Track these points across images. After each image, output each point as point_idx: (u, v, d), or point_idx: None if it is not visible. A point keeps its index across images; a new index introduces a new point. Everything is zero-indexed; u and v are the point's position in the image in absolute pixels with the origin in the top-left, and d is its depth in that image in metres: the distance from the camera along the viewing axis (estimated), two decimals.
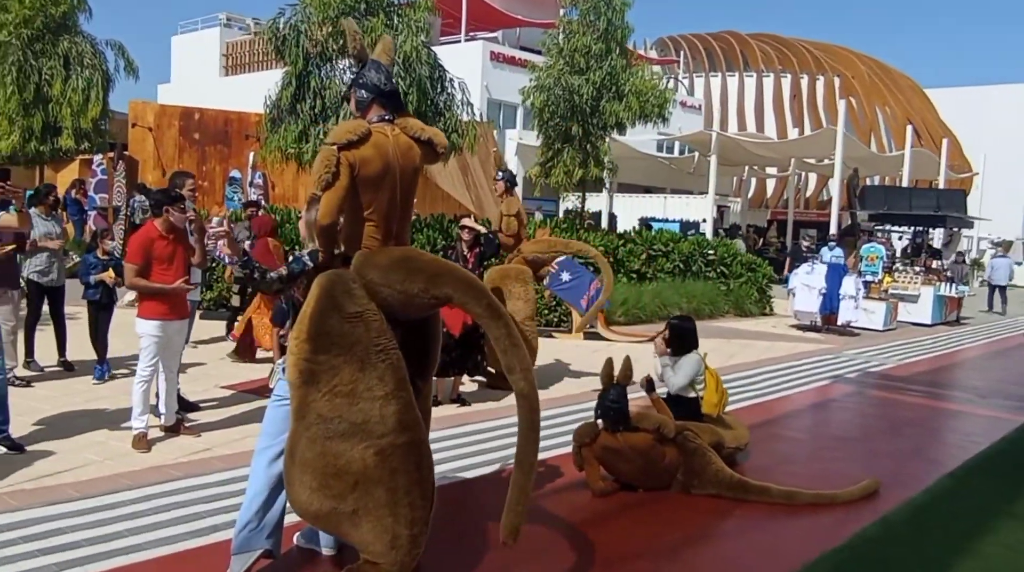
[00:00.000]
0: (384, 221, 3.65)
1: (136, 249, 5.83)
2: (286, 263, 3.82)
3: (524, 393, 3.38)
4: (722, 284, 16.03)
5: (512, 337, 3.41)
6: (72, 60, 14.81)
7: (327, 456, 3.39)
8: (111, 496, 4.86)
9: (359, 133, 3.56)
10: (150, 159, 19.87)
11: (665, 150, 38.15)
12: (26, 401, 6.79)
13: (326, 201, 3.51)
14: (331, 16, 13.27)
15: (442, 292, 3.50)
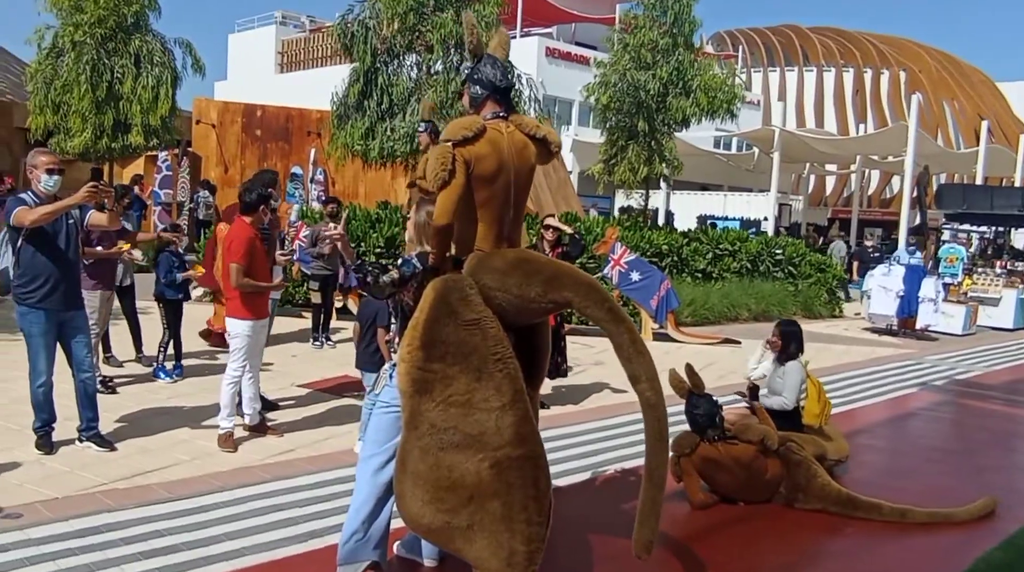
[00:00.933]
0: (497, 222, 3.53)
1: (241, 249, 5.77)
2: (396, 266, 3.73)
3: (652, 404, 3.23)
4: (790, 285, 15.68)
5: (637, 344, 3.26)
6: (143, 58, 15.01)
7: (440, 468, 3.28)
8: (203, 498, 4.84)
9: (474, 129, 3.44)
10: (213, 155, 20.14)
11: (722, 146, 37.60)
12: (107, 398, 6.85)
13: (442, 200, 3.40)
14: (400, 12, 13.26)
15: (561, 296, 3.36)
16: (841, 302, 16.38)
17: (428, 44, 13.88)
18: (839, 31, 48.78)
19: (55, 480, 4.98)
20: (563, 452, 6.08)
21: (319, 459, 5.67)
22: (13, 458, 5.30)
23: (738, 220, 28.20)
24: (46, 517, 4.41)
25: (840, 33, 48.48)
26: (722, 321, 13.57)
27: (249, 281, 5.76)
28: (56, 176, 5.33)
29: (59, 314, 5.35)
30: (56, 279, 5.28)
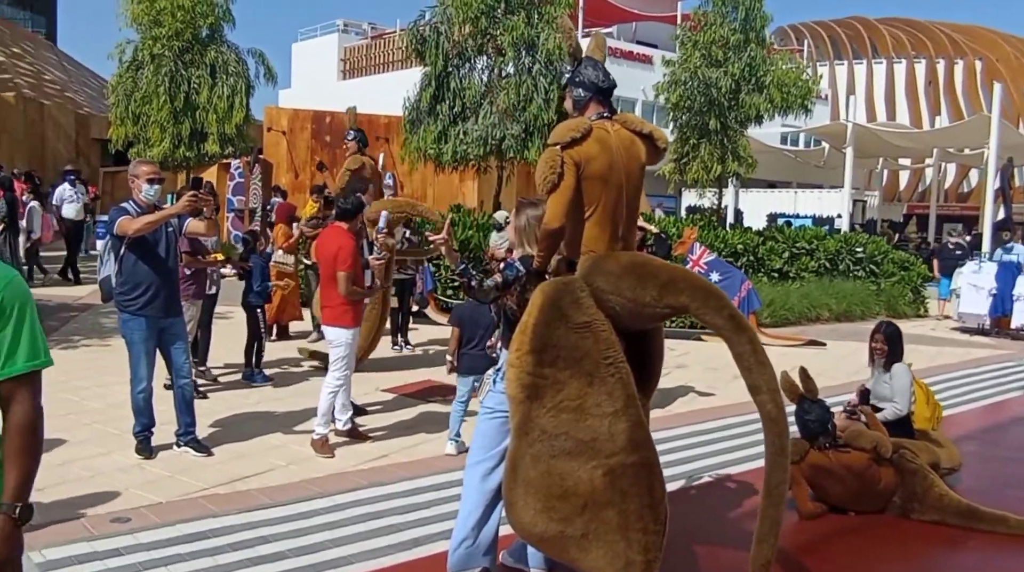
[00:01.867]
0: (609, 222, 3.45)
1: (350, 257, 5.81)
2: (500, 270, 3.66)
3: (773, 417, 3.09)
4: (872, 283, 15.22)
5: (758, 353, 3.12)
6: (218, 69, 15.36)
7: (552, 476, 3.20)
8: (303, 504, 4.84)
9: (581, 130, 3.37)
10: (283, 162, 20.44)
11: (790, 143, 36.83)
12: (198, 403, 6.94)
13: (553, 204, 3.33)
14: (471, 16, 13.28)
15: (677, 301, 3.24)
16: (926, 301, 15.86)
17: (499, 47, 13.88)
18: (909, 21, 47.43)
19: (157, 484, 5.05)
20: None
21: (413, 464, 5.65)
22: (114, 462, 5.40)
23: (810, 217, 27.54)
24: (153, 522, 4.46)
25: (910, 23, 47.14)
26: (802, 321, 13.23)
27: (356, 289, 5.83)
28: (156, 186, 5.44)
29: (159, 321, 5.43)
30: (156, 286, 5.36)
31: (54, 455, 5.32)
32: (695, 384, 8.55)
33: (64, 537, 4.18)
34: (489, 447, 3.76)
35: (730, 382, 8.31)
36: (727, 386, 8.29)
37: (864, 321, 13.96)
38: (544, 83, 13.07)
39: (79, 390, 7.09)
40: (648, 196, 23.08)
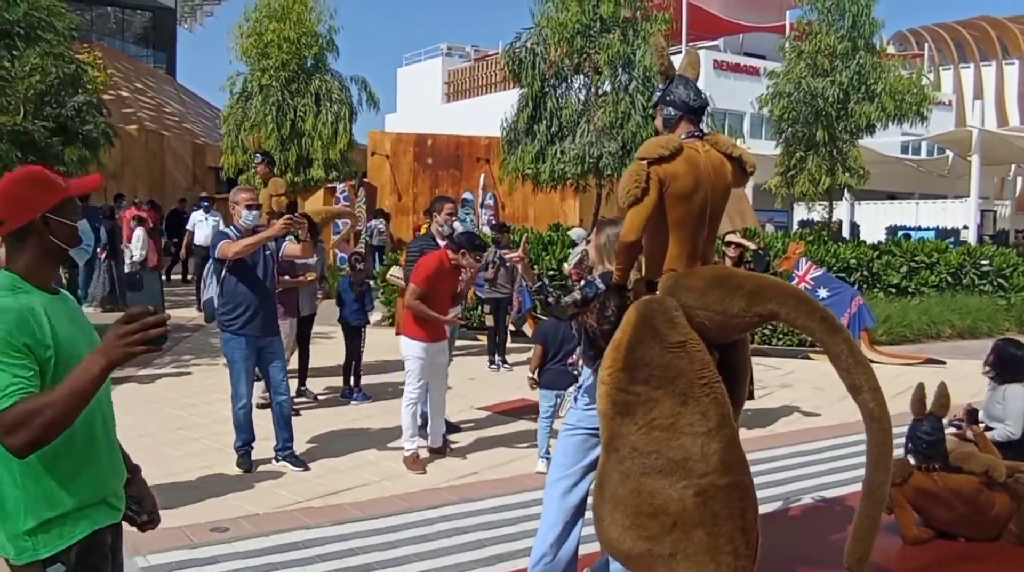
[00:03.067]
0: (691, 241, 3.45)
1: (423, 274, 5.96)
2: (579, 287, 3.71)
3: (875, 415, 3.03)
4: (1001, 298, 14.43)
5: (855, 353, 3.08)
6: (322, 96, 16.00)
7: (642, 493, 3.20)
8: (393, 518, 4.98)
9: (670, 148, 3.39)
10: (387, 185, 21.04)
11: (911, 152, 35.42)
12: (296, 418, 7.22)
13: (632, 217, 3.36)
14: (567, 36, 13.43)
15: (766, 309, 3.22)
16: None
17: (596, 65, 13.97)
18: None
19: (256, 497, 5.29)
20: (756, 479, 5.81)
21: (503, 482, 5.72)
22: (217, 475, 5.67)
23: (933, 229, 26.35)
24: (250, 531, 4.68)
25: None
26: (922, 339, 12.66)
27: (422, 306, 5.90)
28: (255, 211, 5.81)
29: (258, 340, 5.73)
30: (256, 307, 5.67)
31: (161, 467, 5.65)
32: (800, 404, 8.32)
33: (166, 544, 4.43)
34: (570, 464, 3.80)
35: (836, 402, 8.05)
36: (832, 406, 8.04)
37: (991, 338, 13.24)
38: (642, 100, 13.07)
39: (188, 407, 7.49)
40: (757, 211, 22.61)
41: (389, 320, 12.56)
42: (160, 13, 38.26)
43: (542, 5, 14.16)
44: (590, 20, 13.70)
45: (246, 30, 15.90)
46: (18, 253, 2.20)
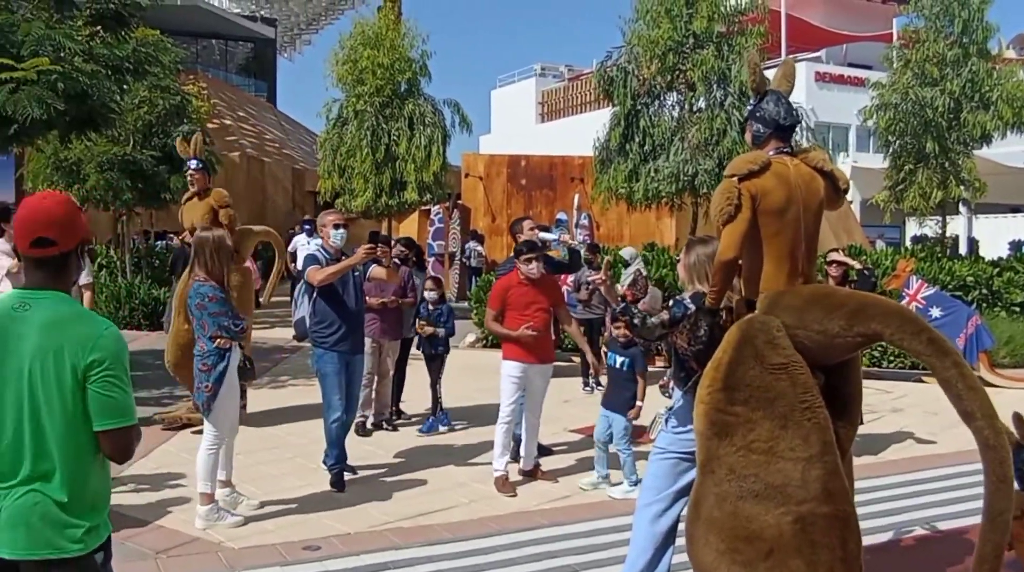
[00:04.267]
0: (788, 258, 3.38)
1: (494, 295, 6.15)
2: (667, 307, 3.68)
3: (990, 443, 2.88)
4: None
5: (967, 377, 2.94)
6: (415, 120, 16.38)
7: (738, 517, 3.14)
8: (483, 540, 4.99)
9: (759, 163, 3.35)
10: (481, 206, 21.31)
11: None
12: (388, 437, 7.46)
13: (727, 235, 3.33)
14: (658, 53, 13.39)
15: (869, 328, 3.11)
16: None
17: (689, 82, 13.86)
18: None
19: (348, 516, 5.37)
20: (862, 508, 5.58)
21: (596, 506, 5.67)
22: (311, 494, 5.80)
23: None
24: (341, 551, 4.76)
25: None
26: None
27: (496, 326, 6.04)
28: (342, 230, 6.05)
29: (347, 357, 5.96)
30: (345, 325, 5.91)
31: (258, 485, 5.83)
32: (912, 429, 7.97)
33: (260, 561, 4.57)
34: (660, 488, 3.75)
35: (951, 428, 7.66)
36: (947, 432, 7.66)
37: None
38: (737, 116, 12.90)
39: (284, 426, 7.70)
40: (866, 227, 21.92)
41: (483, 341, 12.67)
42: (261, 44, 39.95)
43: (633, 23, 14.17)
44: (682, 36, 13.63)
45: (341, 57, 16.44)
46: (67, 275, 2.45)
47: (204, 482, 5.11)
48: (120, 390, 2.36)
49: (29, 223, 2.38)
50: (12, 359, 2.31)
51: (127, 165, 13.62)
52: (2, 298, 2.46)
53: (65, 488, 2.32)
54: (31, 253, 2.39)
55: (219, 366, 5.08)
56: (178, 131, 14.30)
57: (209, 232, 5.36)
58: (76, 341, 2.31)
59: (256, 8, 39.94)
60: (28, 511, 2.29)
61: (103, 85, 8.42)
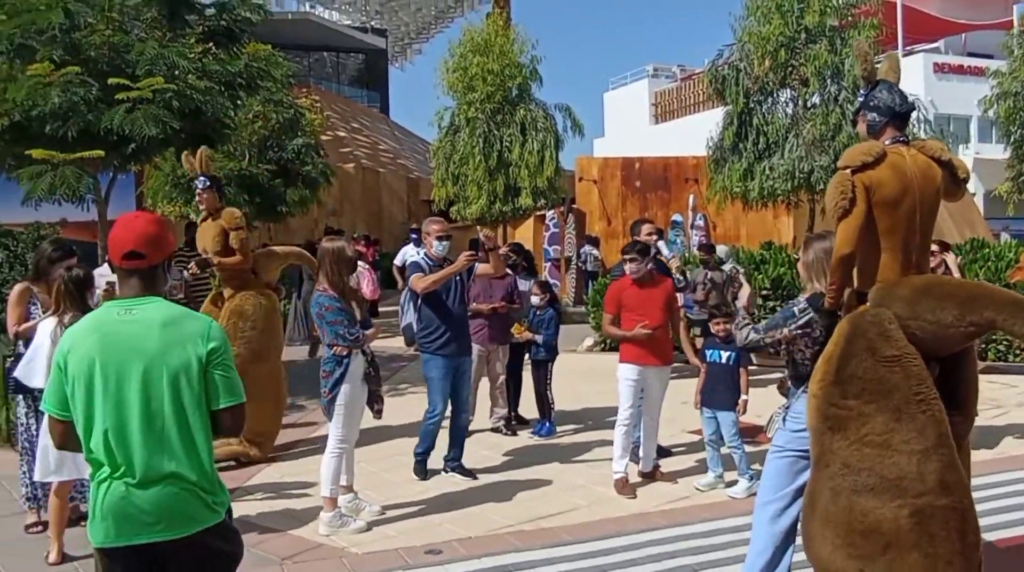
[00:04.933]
0: (903, 250, 3.40)
1: (609, 298, 6.32)
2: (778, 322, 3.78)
3: None
4: None
5: None
6: (527, 126, 16.62)
7: (854, 511, 3.20)
8: (602, 542, 5.12)
9: (873, 154, 3.38)
10: (596, 210, 21.39)
11: None
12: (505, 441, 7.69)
13: (844, 229, 3.36)
14: (770, 50, 13.26)
15: (982, 317, 3.13)
16: None
17: (803, 78, 13.64)
18: None
19: (469, 520, 5.58)
20: (987, 504, 5.43)
21: (714, 506, 5.72)
22: (432, 498, 6.06)
23: None
24: (462, 554, 4.98)
25: None
26: None
27: (613, 329, 6.22)
28: (445, 242, 6.37)
29: (452, 360, 6.31)
30: (450, 330, 6.28)
31: (380, 491, 6.13)
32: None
33: (383, 565, 4.82)
34: (779, 487, 3.80)
35: None
36: None
37: None
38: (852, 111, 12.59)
39: (403, 433, 7.97)
40: (990, 219, 20.93)
41: (601, 345, 12.77)
42: (372, 55, 41.16)
43: (744, 20, 14.05)
44: (794, 32, 13.45)
45: (451, 65, 16.85)
46: (157, 285, 2.75)
47: (328, 487, 5.35)
48: (233, 372, 2.73)
49: (121, 239, 2.70)
50: (133, 359, 2.60)
51: (243, 179, 14.13)
52: (101, 310, 2.77)
53: (195, 470, 2.64)
54: (123, 265, 2.71)
55: (336, 372, 5.34)
56: (292, 144, 14.97)
57: (331, 243, 5.68)
58: (194, 334, 2.66)
59: (366, 19, 41.19)
60: (172, 495, 2.61)
61: (216, 101, 8.75)
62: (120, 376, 2.58)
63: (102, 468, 2.61)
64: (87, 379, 2.58)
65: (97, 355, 2.59)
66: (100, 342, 2.60)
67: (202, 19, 9.46)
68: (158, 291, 2.74)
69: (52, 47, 8.04)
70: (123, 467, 2.59)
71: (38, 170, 8.17)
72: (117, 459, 2.58)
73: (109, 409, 2.58)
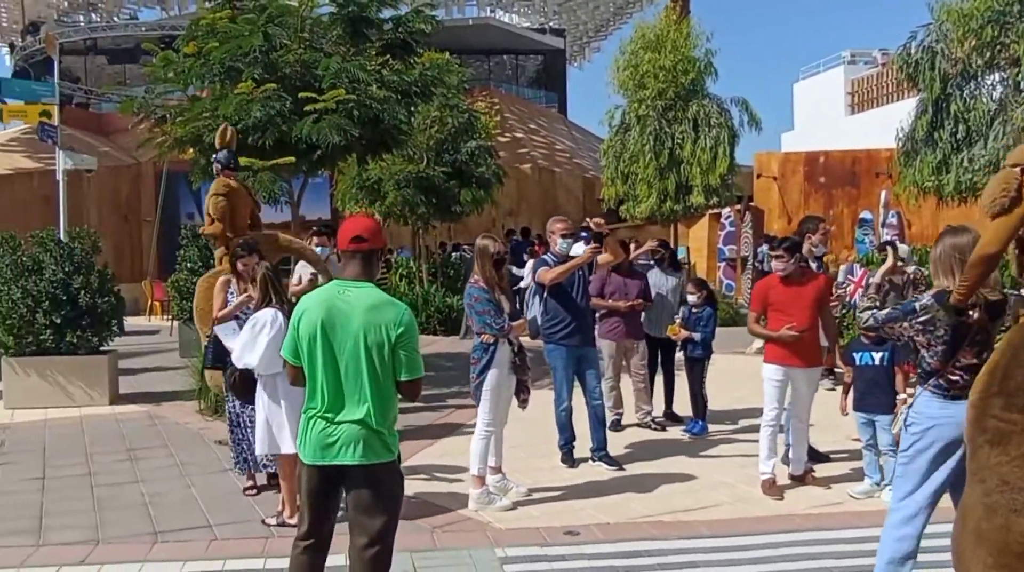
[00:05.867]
0: None
1: (754, 296, 6.41)
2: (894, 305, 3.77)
3: None
4: None
5: None
6: (700, 122, 16.52)
7: (1011, 532, 3.09)
8: (741, 539, 5.21)
9: None
10: (775, 208, 20.93)
11: None
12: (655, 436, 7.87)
13: (995, 228, 3.25)
14: (974, 28, 12.47)
15: None
16: None
17: (1013, 57, 12.73)
18: None
19: (609, 507, 5.82)
20: None
21: (866, 514, 5.61)
22: (577, 484, 6.33)
23: None
24: (598, 537, 5.23)
25: None
26: None
27: (757, 328, 6.23)
28: (569, 240, 6.70)
29: (576, 350, 6.68)
30: (573, 321, 6.66)
31: (529, 476, 6.47)
32: None
33: (523, 540, 5.17)
34: (903, 492, 3.81)
35: None
36: None
37: None
38: None
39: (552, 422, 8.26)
40: None
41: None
42: (551, 55, 41.81)
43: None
44: (1004, 5, 12.56)
45: (622, 63, 17.00)
46: (372, 269, 3.61)
47: (476, 466, 5.82)
48: (416, 353, 3.54)
49: (350, 228, 3.58)
50: (345, 330, 3.45)
51: (421, 181, 15.17)
52: (327, 286, 3.67)
53: (380, 418, 3.48)
54: (350, 247, 3.55)
55: (484, 359, 5.79)
56: (466, 147, 15.71)
57: (480, 241, 6.09)
58: (389, 319, 3.46)
59: (545, 20, 41.91)
60: (359, 433, 3.46)
61: (393, 109, 9.68)
62: (335, 342, 3.45)
63: (313, 406, 3.51)
64: (311, 339, 3.48)
65: (321, 322, 3.46)
66: (324, 312, 3.47)
67: (380, 34, 10.41)
68: (372, 275, 3.58)
69: (254, 67, 9.28)
70: (328, 408, 3.48)
71: (241, 177, 9.24)
72: (326, 402, 3.48)
73: (325, 364, 3.47)
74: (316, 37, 10.14)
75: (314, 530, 3.59)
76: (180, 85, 10.02)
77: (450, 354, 13.28)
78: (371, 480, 3.49)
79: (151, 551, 5.15)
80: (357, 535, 3.51)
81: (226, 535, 5.40)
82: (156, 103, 10.33)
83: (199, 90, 10.40)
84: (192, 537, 5.37)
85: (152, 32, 29.94)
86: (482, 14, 40.16)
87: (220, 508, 5.91)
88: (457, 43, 29.81)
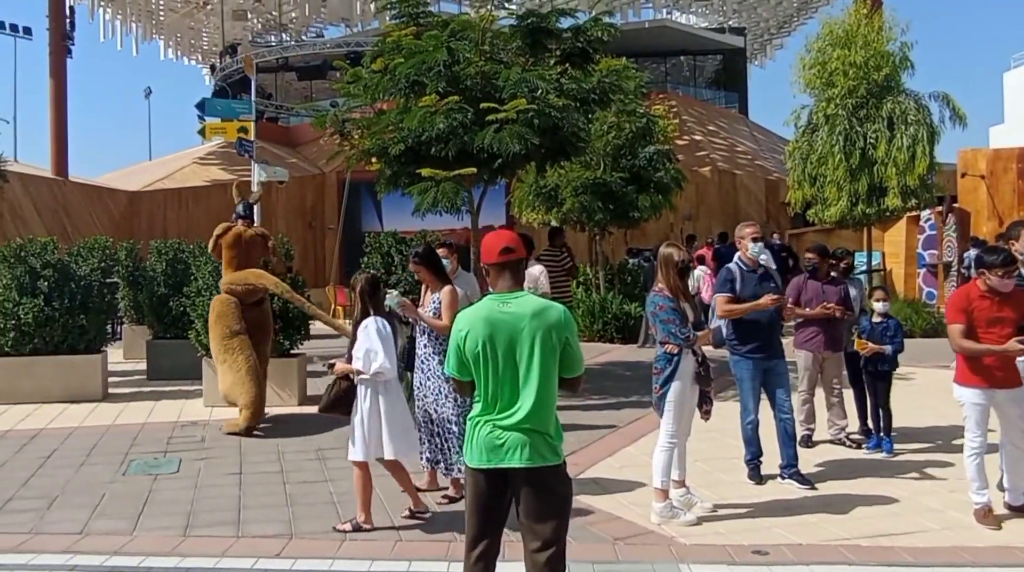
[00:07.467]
0: None
1: (952, 308, 5.78)
2: None
3: None
4: None
5: None
6: (895, 120, 15.61)
7: None
8: (949, 569, 4.92)
9: None
10: (983, 209, 19.59)
11: None
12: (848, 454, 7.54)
13: None
14: None
15: None
16: None
17: None
18: None
19: (801, 527, 5.61)
20: None
21: None
22: (766, 502, 6.16)
23: None
24: (789, 559, 5.05)
25: None
26: None
27: (967, 343, 5.60)
28: (760, 244, 6.59)
29: (763, 362, 6.52)
30: (759, 334, 6.51)
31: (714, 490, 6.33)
32: None
33: (708, 557, 5.07)
34: None
35: None
36: None
37: None
38: None
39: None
40: None
41: None
42: (730, 54, 40.95)
43: None
44: None
45: (808, 61, 16.35)
46: (520, 278, 3.77)
47: (659, 479, 5.75)
48: (579, 351, 3.69)
49: (496, 242, 3.71)
50: (514, 339, 3.57)
51: (598, 187, 15.24)
52: (483, 302, 3.74)
53: (545, 422, 3.60)
54: (500, 259, 3.68)
55: (667, 369, 5.73)
56: (644, 152, 15.63)
57: (664, 249, 6.03)
58: (555, 321, 3.60)
59: (724, 19, 41.03)
60: (528, 436, 3.56)
61: (572, 117, 9.85)
62: (503, 352, 3.58)
63: (480, 413, 3.65)
64: (479, 353, 3.60)
65: (486, 336, 3.59)
66: (488, 327, 3.60)
67: (559, 43, 10.61)
68: (520, 284, 3.72)
69: (437, 81, 9.67)
70: (496, 413, 3.61)
71: (424, 186, 9.86)
72: (495, 408, 3.61)
73: (493, 374, 3.60)
74: (496, 49, 10.43)
75: (481, 534, 3.65)
76: (367, 100, 10.54)
77: (628, 363, 13.22)
78: (538, 483, 3.57)
79: (340, 548, 5.39)
80: (530, 540, 3.59)
81: (410, 537, 5.57)
82: (344, 117, 10.91)
83: (383, 103, 10.90)
84: (378, 537, 5.57)
85: (338, 49, 31.63)
86: (658, 16, 39.84)
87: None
88: (633, 46, 29.74)
